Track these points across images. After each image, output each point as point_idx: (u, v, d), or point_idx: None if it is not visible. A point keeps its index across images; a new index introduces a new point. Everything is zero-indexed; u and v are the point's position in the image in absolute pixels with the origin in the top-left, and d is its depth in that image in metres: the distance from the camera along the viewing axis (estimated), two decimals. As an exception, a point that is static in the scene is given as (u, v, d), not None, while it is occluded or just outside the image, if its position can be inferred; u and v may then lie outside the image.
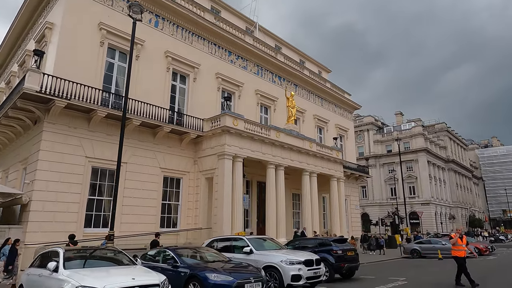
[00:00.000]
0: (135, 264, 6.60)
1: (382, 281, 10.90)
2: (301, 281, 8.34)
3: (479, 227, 70.10)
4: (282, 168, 21.91)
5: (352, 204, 33.84)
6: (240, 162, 19.15)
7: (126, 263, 6.54)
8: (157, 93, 18.95)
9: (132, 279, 5.20)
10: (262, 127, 20.95)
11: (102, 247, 9.07)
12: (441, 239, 24.34)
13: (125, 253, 7.06)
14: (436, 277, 12.03)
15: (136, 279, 5.25)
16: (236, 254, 9.45)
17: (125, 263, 6.57)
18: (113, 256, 6.80)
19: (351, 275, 11.85)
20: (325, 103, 33.25)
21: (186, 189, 19.60)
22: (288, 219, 26.24)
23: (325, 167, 25.97)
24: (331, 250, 11.05)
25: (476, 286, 9.19)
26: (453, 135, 74.90)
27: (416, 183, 57.71)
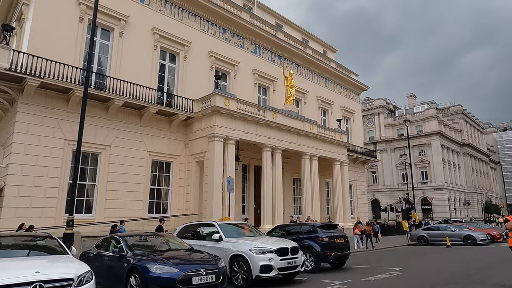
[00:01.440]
0: (67, 253, 5.70)
1: (373, 272, 9.80)
2: (272, 272, 7.30)
3: (495, 213, 67.69)
4: (279, 151, 20.75)
5: (358, 190, 32.52)
6: (232, 145, 18.09)
7: (58, 252, 5.65)
8: (143, 73, 17.92)
9: (36, 273, 4.27)
10: (257, 108, 19.75)
11: (22, 234, 8.17)
12: (451, 225, 22.93)
13: (58, 240, 6.18)
14: (436, 267, 10.84)
15: (41, 272, 4.32)
16: (206, 242, 8.48)
17: (57, 251, 5.69)
18: (41, 244, 5.91)
19: (341, 264, 10.78)
20: (329, 84, 31.66)
21: (177, 173, 18.71)
22: (288, 204, 25.26)
23: (327, 150, 24.66)
24: (317, 237, 9.95)
25: None
26: (469, 118, 71.82)
27: (429, 167, 55.64)
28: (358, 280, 8.42)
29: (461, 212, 58.90)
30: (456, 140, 62.28)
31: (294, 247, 7.89)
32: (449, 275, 9.14)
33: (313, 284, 8.12)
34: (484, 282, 7.96)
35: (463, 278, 8.58)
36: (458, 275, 9.08)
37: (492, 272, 9.50)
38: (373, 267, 10.87)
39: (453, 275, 9.10)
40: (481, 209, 66.24)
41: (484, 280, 8.16)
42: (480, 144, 74.95)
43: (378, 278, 8.64)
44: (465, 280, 8.26)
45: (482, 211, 66.09)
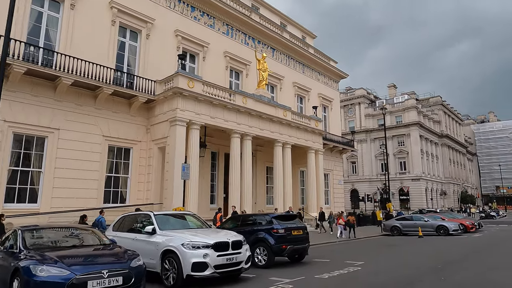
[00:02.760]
0: None
1: (332, 267, 8.94)
2: (206, 270, 6.26)
3: (471, 203, 69.04)
4: (249, 138, 19.69)
5: (335, 179, 31.90)
6: (196, 130, 16.89)
7: None
8: (99, 50, 16.38)
9: None
10: (225, 91, 18.54)
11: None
12: (424, 215, 22.54)
13: None
14: (400, 261, 10.09)
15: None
16: (139, 235, 7.37)
17: None
18: None
19: (300, 258, 9.90)
20: (307, 71, 30.63)
21: (137, 160, 17.41)
22: (261, 194, 24.36)
23: (302, 138, 23.76)
24: (271, 229, 8.99)
25: None
26: (448, 109, 72.51)
27: (407, 158, 55.86)
28: (310, 277, 7.51)
29: (437, 202, 59.67)
30: (435, 131, 62.73)
31: (237, 241, 6.87)
32: (411, 271, 8.35)
33: (258, 282, 7.16)
34: (447, 281, 7.17)
35: (426, 275, 7.79)
36: (422, 271, 8.31)
37: (459, 267, 8.77)
38: (335, 261, 10.05)
39: (417, 271, 8.31)
40: (457, 200, 67.41)
41: (448, 278, 7.38)
42: (458, 135, 75.98)
43: (333, 275, 7.75)
44: (428, 277, 7.45)
45: (458, 202, 67.28)
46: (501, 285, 6.86)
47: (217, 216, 16.33)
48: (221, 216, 16.20)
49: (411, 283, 6.88)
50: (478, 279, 7.31)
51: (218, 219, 15.74)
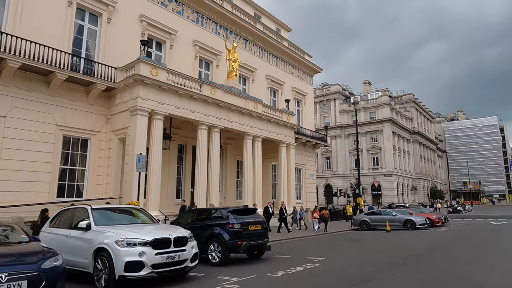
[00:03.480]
0: None
1: (290, 263, 8.49)
2: (142, 270, 5.57)
3: (440, 198, 71.35)
4: (217, 130, 19.00)
5: (308, 174, 31.73)
6: (159, 120, 16.03)
7: None
8: (53, 33, 15.18)
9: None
10: (192, 81, 17.72)
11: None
12: (392, 210, 22.68)
13: None
14: (363, 257, 9.79)
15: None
16: (73, 231, 6.59)
17: None
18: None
19: (259, 254, 9.39)
20: (281, 63, 30.15)
21: (96, 152, 16.35)
22: (231, 189, 23.78)
23: (273, 131, 23.28)
24: (226, 224, 8.41)
25: None
26: (420, 107, 74.32)
27: (380, 154, 56.78)
28: (262, 276, 7.00)
29: (408, 197, 61.14)
30: (407, 128, 64.10)
31: (180, 237, 6.22)
32: (371, 267, 8.02)
33: (203, 282, 6.58)
34: (404, 277, 6.85)
35: (384, 271, 7.47)
36: (380, 267, 7.99)
37: (419, 262, 8.53)
38: (295, 257, 9.62)
39: (376, 267, 7.99)
40: (427, 195, 69.45)
41: (406, 274, 7.07)
42: (429, 132, 78.12)
43: (287, 273, 7.28)
44: (384, 274, 7.11)
45: (428, 197, 69.33)
46: (458, 280, 6.61)
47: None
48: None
49: (365, 281, 6.50)
50: (437, 274, 7.05)
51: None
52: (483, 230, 19.50)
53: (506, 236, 16.45)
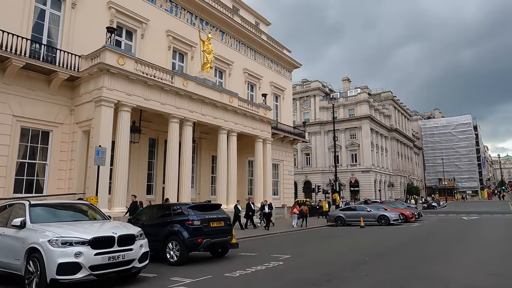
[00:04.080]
0: None
1: (254, 262, 8.07)
2: (79, 273, 4.94)
3: (416, 194, 72.97)
4: (189, 124, 18.35)
5: (285, 170, 31.46)
6: (127, 112, 15.25)
7: None
8: (9, 17, 14.10)
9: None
10: (163, 72, 16.99)
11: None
12: (367, 206, 22.69)
13: None
14: (331, 254, 9.49)
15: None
16: (7, 229, 5.88)
17: None
18: None
19: (223, 252, 8.92)
20: (259, 57, 29.64)
21: (58, 145, 15.42)
22: (205, 184, 23.15)
23: (249, 126, 22.79)
24: (186, 220, 7.88)
25: None
26: (398, 105, 75.55)
27: (359, 150, 57.33)
28: (219, 276, 6.53)
29: (385, 194, 62.13)
30: (385, 125, 65.01)
31: (126, 235, 5.65)
32: (336, 265, 7.70)
33: (155, 283, 6.05)
34: (368, 276, 6.54)
35: (349, 269, 7.16)
36: (346, 265, 7.68)
37: (386, 260, 8.27)
38: (262, 254, 9.21)
39: (341, 265, 7.67)
40: (403, 191, 70.85)
41: (371, 272, 6.77)
42: (406, 130, 79.62)
43: (247, 272, 6.84)
44: (349, 273, 6.79)
45: (405, 193, 70.74)
46: (422, 279, 6.34)
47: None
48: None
49: (326, 280, 6.13)
50: (401, 273, 6.78)
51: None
52: (455, 226, 19.73)
53: (476, 231, 16.64)
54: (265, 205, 19.35)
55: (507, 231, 16.01)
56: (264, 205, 19.41)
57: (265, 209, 19.12)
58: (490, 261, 8.08)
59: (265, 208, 19.18)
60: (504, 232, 15.91)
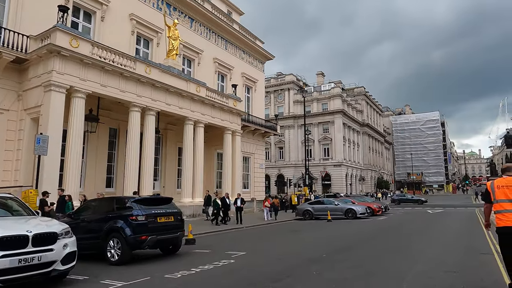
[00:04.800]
0: None
1: (206, 259, 7.50)
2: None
3: (385, 188, 74.82)
4: (152, 113, 17.43)
5: (256, 163, 31.00)
6: (80, 99, 14.15)
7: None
8: None
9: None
10: (123, 57, 15.93)
11: None
12: (335, 200, 22.62)
13: None
14: (288, 249, 9.06)
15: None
16: None
17: None
18: None
19: (174, 249, 8.26)
20: (230, 47, 28.82)
21: (3, 133, 14.13)
22: (171, 177, 22.28)
23: (217, 117, 22.07)
24: (129, 216, 7.17)
25: None
26: (370, 100, 76.83)
27: (331, 145, 57.81)
28: (158, 278, 5.89)
29: (356, 188, 63.22)
30: (357, 120, 65.91)
31: (45, 233, 4.87)
32: (291, 262, 7.24)
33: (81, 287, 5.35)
34: (320, 275, 6.11)
35: (304, 267, 6.70)
36: (303, 262, 7.23)
37: (344, 256, 7.89)
38: (216, 251, 8.64)
39: (296, 262, 7.21)
40: (374, 185, 72.43)
41: (323, 271, 6.35)
42: (378, 125, 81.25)
43: (191, 273, 6.23)
44: (302, 271, 6.32)
45: (375, 187, 72.34)
46: (375, 277, 5.98)
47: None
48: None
49: (274, 280, 5.62)
50: (355, 271, 6.39)
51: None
52: (419, 219, 19.98)
53: (439, 224, 16.83)
54: (238, 199, 18.66)
55: (468, 224, 16.28)
56: (237, 199, 18.71)
57: (238, 203, 18.45)
58: (448, 256, 7.89)
59: (237, 202, 18.50)
60: (465, 225, 16.18)
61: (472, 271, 6.26)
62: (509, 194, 4.36)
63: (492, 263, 7.00)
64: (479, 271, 6.16)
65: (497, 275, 5.91)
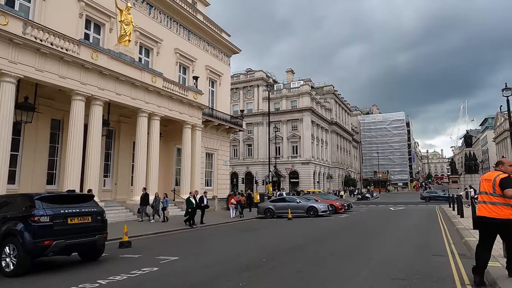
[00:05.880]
0: None
1: (130, 266, 6.45)
2: None
3: (352, 186, 76.02)
4: (99, 103, 15.97)
5: (220, 160, 29.91)
6: (9, 84, 12.55)
7: None
8: None
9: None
10: (64, 39, 14.37)
11: None
12: (297, 197, 22.07)
13: None
14: (230, 253, 8.12)
15: None
16: None
17: None
18: None
19: (95, 255, 7.08)
20: (194, 38, 27.52)
21: None
22: (124, 174, 20.79)
23: (175, 110, 20.82)
24: (29, 216, 5.97)
25: None
26: (339, 99, 77.68)
27: (299, 142, 57.71)
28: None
29: (324, 185, 63.62)
30: (326, 118, 66.32)
31: None
32: (224, 269, 6.31)
33: None
34: (247, 286, 5.23)
35: (235, 276, 5.79)
36: (237, 269, 6.29)
37: (284, 261, 6.98)
38: (147, 256, 7.57)
39: (229, 269, 6.27)
40: (341, 183, 73.34)
41: (253, 281, 5.47)
42: (346, 124, 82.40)
43: (94, 286, 5.18)
44: (231, 281, 5.41)
45: (342, 184, 73.27)
46: (310, 285, 5.19)
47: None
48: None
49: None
50: (290, 278, 5.59)
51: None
52: (379, 217, 19.77)
53: (398, 222, 16.59)
54: (203, 197, 17.42)
55: (428, 222, 16.13)
56: (203, 197, 17.37)
57: (204, 201, 17.20)
58: (400, 258, 7.23)
59: (204, 200, 17.26)
60: (425, 222, 16.01)
61: (422, 277, 5.61)
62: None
63: (445, 267, 6.42)
64: (429, 279, 5.51)
65: (449, 283, 5.28)
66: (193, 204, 15.61)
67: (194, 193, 17.44)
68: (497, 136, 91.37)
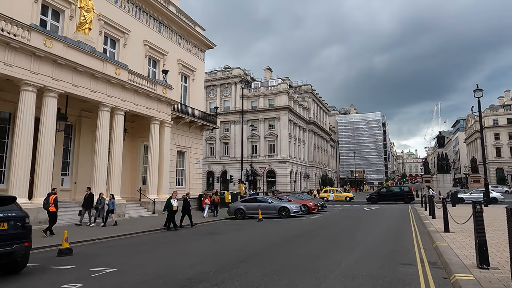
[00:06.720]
0: None
1: (54, 280, 5.50)
2: None
3: (329, 185, 76.40)
4: (53, 95, 14.69)
5: (193, 158, 28.85)
6: None
7: None
8: None
9: None
10: (11, 23, 13.01)
11: None
12: (269, 197, 21.39)
13: None
14: (179, 263, 7.23)
15: None
16: None
17: None
18: None
19: (17, 268, 6.05)
20: (165, 31, 26.31)
21: None
22: (85, 172, 19.41)
23: (141, 104, 19.68)
24: None
25: None
26: (317, 99, 77.82)
27: (277, 141, 57.22)
28: None
29: (301, 185, 63.49)
30: (303, 117, 66.17)
31: None
32: (162, 285, 5.46)
33: None
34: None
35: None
36: (175, 285, 5.46)
37: (233, 273, 6.12)
38: (81, 267, 6.61)
39: (168, 285, 5.45)
40: (318, 182, 73.52)
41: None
42: (324, 123, 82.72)
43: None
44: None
45: (319, 184, 73.46)
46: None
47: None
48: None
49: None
50: None
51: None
52: (352, 217, 19.37)
53: (369, 223, 16.17)
54: (187, 198, 16.21)
55: (399, 223, 15.79)
56: (171, 198, 16.04)
57: (173, 202, 15.80)
58: (364, 270, 6.50)
59: (189, 202, 16.04)
60: (396, 223, 15.67)
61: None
62: None
63: (413, 279, 5.81)
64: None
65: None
66: (172, 206, 14.69)
67: (187, 195, 16.68)
68: (468, 137, 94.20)
